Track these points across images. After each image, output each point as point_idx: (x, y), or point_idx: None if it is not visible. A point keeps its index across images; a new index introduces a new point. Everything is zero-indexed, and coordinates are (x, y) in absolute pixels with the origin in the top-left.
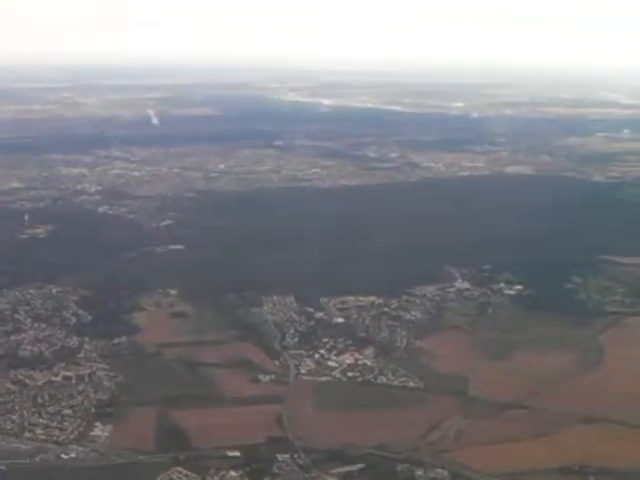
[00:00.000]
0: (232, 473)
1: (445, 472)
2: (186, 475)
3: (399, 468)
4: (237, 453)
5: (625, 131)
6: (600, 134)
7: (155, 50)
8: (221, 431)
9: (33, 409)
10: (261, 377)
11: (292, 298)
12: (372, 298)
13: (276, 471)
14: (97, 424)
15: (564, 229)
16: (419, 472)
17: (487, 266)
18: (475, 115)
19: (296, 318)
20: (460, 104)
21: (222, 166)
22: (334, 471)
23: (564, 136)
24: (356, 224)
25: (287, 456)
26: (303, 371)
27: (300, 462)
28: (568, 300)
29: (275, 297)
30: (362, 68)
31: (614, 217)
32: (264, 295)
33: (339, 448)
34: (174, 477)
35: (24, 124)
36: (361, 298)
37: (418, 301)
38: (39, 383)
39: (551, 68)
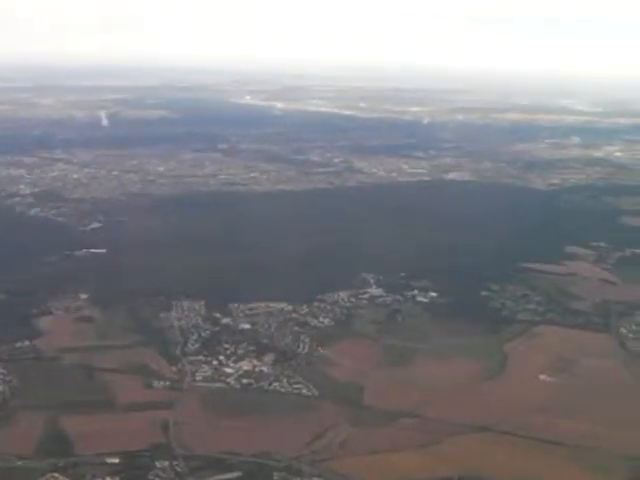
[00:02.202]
0: None
1: None
2: None
3: (276, 477)
4: (116, 460)
5: (573, 137)
6: (547, 140)
7: (127, 51)
8: (105, 437)
9: None
10: (155, 383)
11: (202, 303)
12: (282, 304)
13: (151, 478)
14: None
15: (491, 236)
16: None
17: (404, 273)
18: (426, 121)
19: (202, 324)
20: (415, 109)
21: (161, 169)
22: (210, 479)
23: (511, 142)
24: (280, 229)
25: (166, 463)
26: (198, 377)
27: (178, 469)
28: (481, 308)
29: (186, 302)
30: (328, 73)
31: (545, 224)
32: (175, 300)
33: (220, 455)
34: None
35: None
36: (271, 304)
37: (329, 307)
38: None
39: (513, 74)
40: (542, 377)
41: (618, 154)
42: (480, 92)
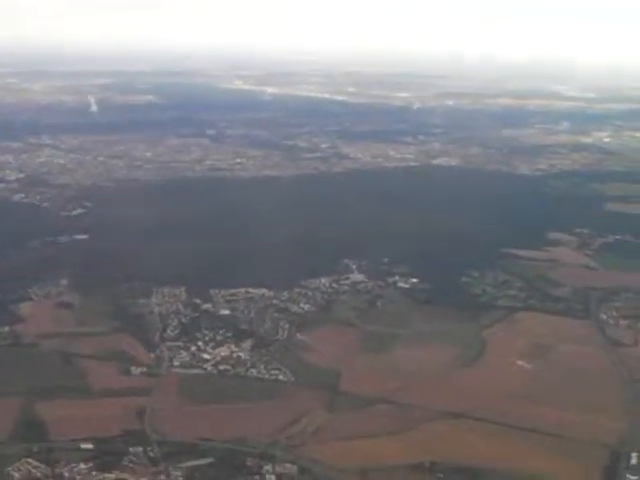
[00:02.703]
0: (82, 465)
1: (294, 467)
2: (36, 467)
3: (249, 462)
4: (90, 445)
5: (563, 123)
6: (537, 126)
7: (115, 36)
8: (80, 423)
9: None
10: (132, 369)
11: (183, 289)
12: (263, 290)
13: (125, 463)
14: None
15: (474, 222)
16: (267, 467)
17: (387, 259)
18: (417, 106)
19: (182, 310)
20: (405, 94)
21: (148, 154)
22: (182, 465)
23: (500, 128)
24: (264, 215)
25: (140, 449)
26: (176, 363)
27: (151, 455)
28: (461, 294)
29: (166, 288)
30: (322, 58)
31: (529, 210)
32: (156, 286)
33: (194, 441)
34: (23, 469)
35: None
36: (252, 290)
37: (310, 293)
38: None
39: (506, 60)
40: (519, 363)
41: (607, 140)
42: (472, 77)
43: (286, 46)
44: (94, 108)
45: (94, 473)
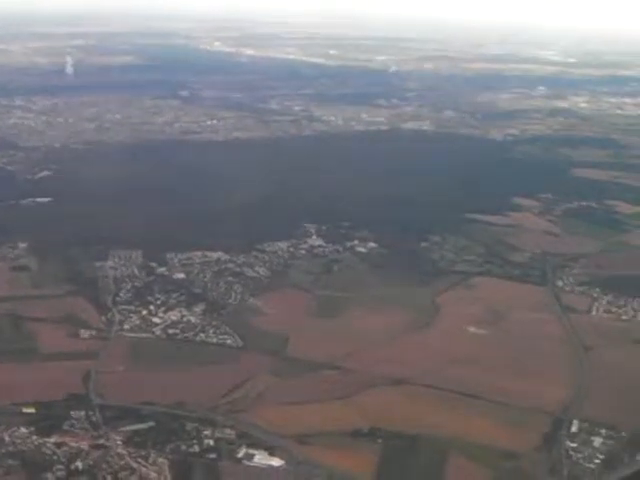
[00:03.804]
0: (23, 430)
1: (233, 432)
2: None
3: (188, 427)
4: (32, 410)
5: (540, 88)
6: (514, 90)
7: None
8: (23, 387)
9: None
10: (82, 333)
11: (139, 253)
12: (219, 254)
13: (66, 428)
14: None
15: (439, 187)
16: (206, 432)
17: (347, 223)
18: (393, 69)
19: (137, 273)
20: (384, 58)
21: (119, 117)
22: (123, 429)
23: (477, 92)
24: (228, 178)
25: (82, 413)
26: (126, 327)
27: (93, 419)
28: (419, 259)
29: (123, 252)
30: (305, 21)
31: (495, 175)
32: (113, 249)
33: (136, 406)
34: None
35: None
36: (208, 253)
37: (266, 257)
38: None
39: (492, 26)
40: (470, 329)
41: (583, 105)
42: (453, 42)
43: (270, 9)
44: (70, 69)
45: (34, 437)
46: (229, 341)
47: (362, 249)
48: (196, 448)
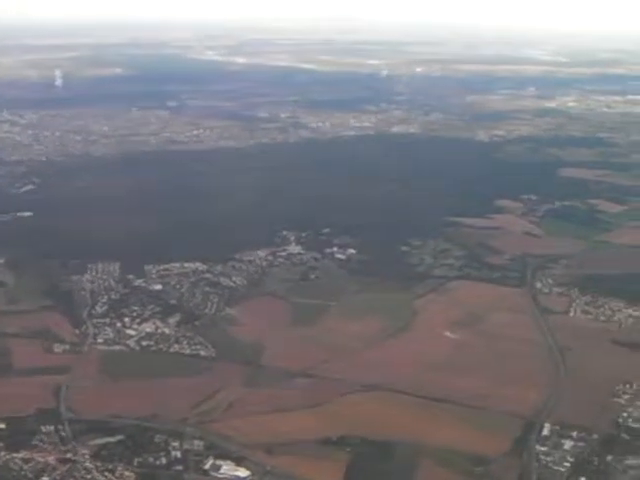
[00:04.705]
0: None
1: (201, 443)
2: None
3: (157, 439)
4: (3, 425)
5: (530, 88)
6: (503, 92)
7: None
8: None
9: None
10: (56, 347)
11: (117, 265)
12: (197, 264)
13: (35, 443)
14: None
15: (423, 191)
16: (175, 443)
17: (327, 230)
18: (384, 73)
19: (114, 286)
20: (375, 62)
21: (106, 129)
22: (92, 443)
23: (466, 94)
24: (211, 188)
25: (52, 428)
26: (100, 340)
27: (62, 434)
28: (398, 264)
29: (101, 264)
30: (297, 26)
31: (479, 177)
32: (91, 262)
33: (106, 419)
34: None
35: None
36: (186, 264)
37: (244, 267)
38: None
39: (485, 28)
40: (446, 334)
41: (571, 104)
42: (445, 44)
43: (264, 16)
44: (59, 82)
45: (3, 453)
46: (203, 352)
47: (341, 255)
48: (163, 460)
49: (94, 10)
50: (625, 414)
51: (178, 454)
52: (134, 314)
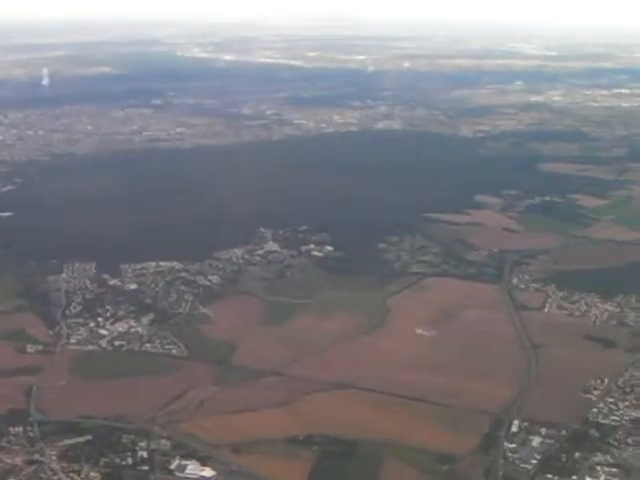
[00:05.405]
0: None
1: (168, 443)
2: None
3: (124, 440)
4: None
5: (517, 82)
6: (490, 86)
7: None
8: None
9: None
10: (29, 348)
11: (93, 265)
12: (174, 263)
13: (4, 444)
14: None
15: (403, 187)
16: (142, 443)
17: (304, 227)
18: (370, 69)
19: (89, 286)
20: (362, 57)
21: (89, 127)
22: (60, 443)
23: (451, 89)
24: (191, 186)
25: (20, 429)
26: (73, 340)
27: (31, 435)
28: (375, 261)
29: (77, 264)
30: (286, 23)
31: (460, 173)
32: (67, 262)
33: (75, 419)
34: None
35: None
36: (162, 263)
37: (221, 265)
38: None
39: (480, 22)
40: (419, 331)
41: (557, 98)
42: (433, 39)
43: (253, 13)
44: (45, 81)
45: None
46: (174, 351)
47: (318, 253)
48: (129, 460)
49: (83, 9)
50: (595, 410)
51: (145, 454)
52: (108, 314)
